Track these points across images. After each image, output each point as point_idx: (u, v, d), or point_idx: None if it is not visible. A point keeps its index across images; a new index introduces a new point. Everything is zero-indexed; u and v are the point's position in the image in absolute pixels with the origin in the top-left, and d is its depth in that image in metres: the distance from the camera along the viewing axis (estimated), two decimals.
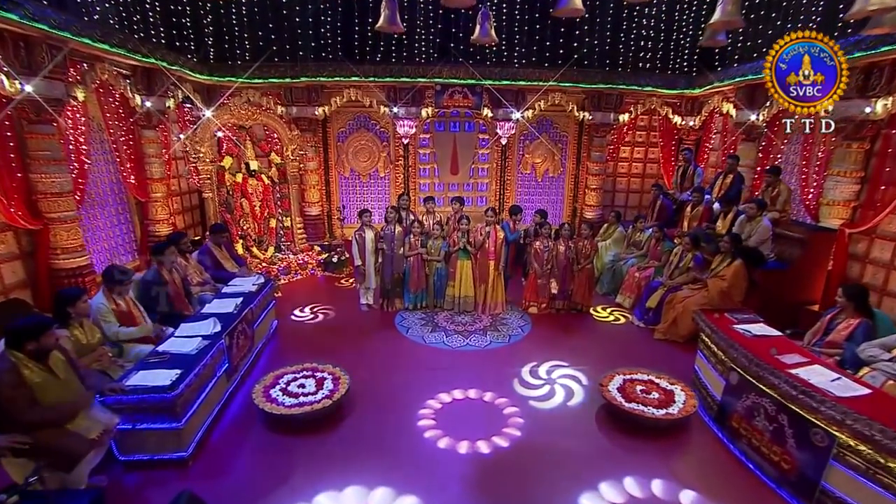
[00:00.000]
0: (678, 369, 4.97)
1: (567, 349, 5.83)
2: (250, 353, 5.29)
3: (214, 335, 4.42)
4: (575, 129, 10.01)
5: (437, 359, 5.60)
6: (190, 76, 8.06)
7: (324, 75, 8.85)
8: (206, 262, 6.10)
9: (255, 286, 5.78)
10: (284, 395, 4.37)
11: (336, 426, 4.29)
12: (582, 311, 6.96)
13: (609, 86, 9.11)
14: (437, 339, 6.07)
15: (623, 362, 5.10)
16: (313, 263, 8.72)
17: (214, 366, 4.28)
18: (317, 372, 4.78)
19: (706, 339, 4.60)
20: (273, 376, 4.69)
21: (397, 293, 7.01)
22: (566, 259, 6.77)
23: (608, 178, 10.42)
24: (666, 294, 6.32)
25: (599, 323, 6.74)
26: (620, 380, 4.67)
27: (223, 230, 6.25)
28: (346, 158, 9.96)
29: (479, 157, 10.20)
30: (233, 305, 5.10)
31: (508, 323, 6.57)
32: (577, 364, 5.43)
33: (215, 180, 7.68)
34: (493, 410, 4.55)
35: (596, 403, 4.66)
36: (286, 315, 6.77)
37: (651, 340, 6.17)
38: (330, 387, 4.52)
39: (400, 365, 5.42)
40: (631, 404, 4.27)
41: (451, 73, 8.95)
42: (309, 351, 5.58)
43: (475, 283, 6.85)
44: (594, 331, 6.49)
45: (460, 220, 6.78)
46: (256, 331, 5.50)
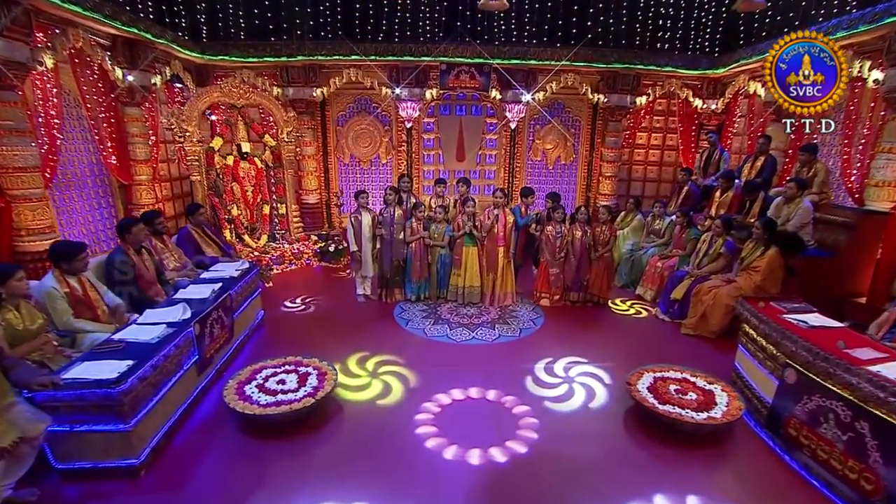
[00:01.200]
0: (712, 367, 4.28)
1: (585, 344, 5.16)
2: (229, 345, 4.66)
3: (182, 322, 3.80)
4: (589, 113, 9.33)
5: (439, 354, 4.95)
6: (179, 53, 7.49)
7: (322, 54, 8.27)
8: (187, 247, 5.49)
9: (237, 271, 5.17)
10: (261, 393, 3.74)
11: (320, 429, 3.65)
12: (599, 303, 6.28)
13: (625, 66, 8.44)
14: (440, 332, 5.42)
15: (649, 359, 4.42)
16: (309, 253, 8.10)
17: (180, 357, 3.65)
18: (300, 366, 4.14)
19: (751, 330, 3.92)
20: (250, 371, 4.06)
21: (397, 283, 6.36)
22: (583, 246, 6.10)
23: (623, 166, 9.72)
24: (693, 284, 5.63)
25: (619, 316, 6.06)
26: (650, 378, 4.00)
27: (199, 208, 5.63)
28: (346, 144, 9.35)
29: (487, 142, 9.56)
30: (209, 291, 4.48)
31: (519, 316, 5.91)
32: (597, 361, 4.76)
33: (204, 162, 7.09)
34: (502, 413, 3.89)
35: (622, 405, 3.99)
36: (276, 305, 6.16)
37: (678, 335, 5.49)
38: (314, 383, 3.88)
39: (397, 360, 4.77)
40: (665, 406, 3.60)
41: (457, 51, 8.33)
42: (297, 343, 4.98)
43: (482, 272, 6.19)
44: (614, 325, 5.81)
45: (465, 203, 6.13)
46: (237, 320, 4.88)
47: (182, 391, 3.70)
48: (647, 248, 6.99)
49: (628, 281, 7.03)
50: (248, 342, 5.13)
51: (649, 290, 6.53)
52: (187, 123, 6.78)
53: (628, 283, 7.02)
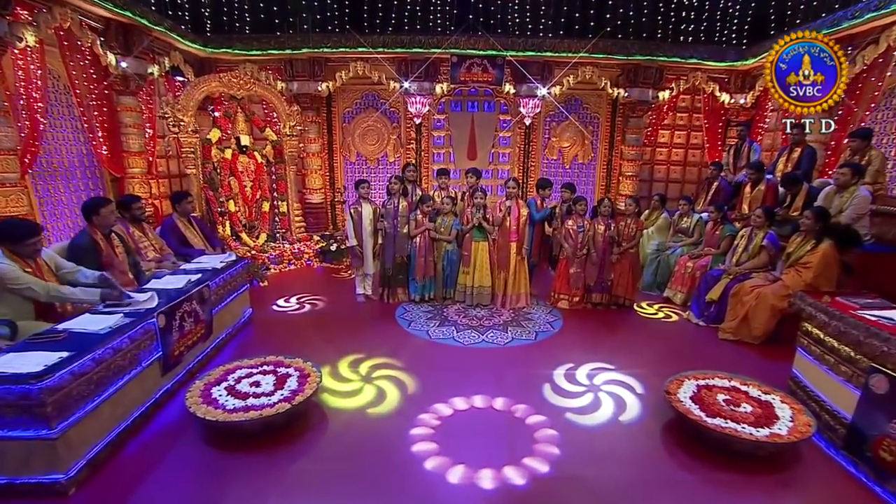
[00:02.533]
0: (761, 376, 3.55)
1: (610, 349, 4.47)
2: (207, 343, 4.08)
3: (142, 312, 3.22)
4: (608, 109, 8.71)
5: (443, 357, 4.31)
6: (180, 43, 7.08)
7: (327, 46, 7.81)
8: (170, 237, 4.95)
9: (221, 263, 4.62)
10: (229, 396, 3.13)
11: (297, 441, 3.02)
12: (624, 306, 5.58)
13: (647, 58, 7.82)
14: (446, 334, 4.78)
15: (684, 366, 3.71)
16: (310, 253, 7.56)
17: (136, 353, 3.07)
18: (280, 367, 3.53)
19: (815, 329, 3.20)
20: (222, 371, 3.46)
21: (400, 281, 5.75)
22: (606, 242, 5.43)
23: (645, 166, 9.05)
24: (731, 284, 4.92)
25: (647, 320, 5.35)
26: (693, 386, 3.30)
27: (185, 196, 5.11)
28: (353, 141, 8.84)
29: (500, 140, 8.97)
30: (184, 281, 3.92)
31: (534, 318, 5.24)
32: (626, 367, 4.07)
33: (200, 154, 6.61)
34: (515, 425, 3.22)
35: (660, 418, 3.29)
36: (267, 304, 5.59)
37: (715, 341, 4.76)
38: (293, 386, 3.26)
39: (395, 364, 4.14)
40: (716, 420, 2.89)
41: (468, 43, 7.81)
42: (286, 344, 4.42)
43: (493, 270, 5.56)
44: (642, 329, 5.10)
45: (474, 194, 5.53)
46: (218, 316, 4.30)
47: (138, 392, 3.11)
48: (674, 248, 6.30)
49: (654, 284, 6.32)
50: (231, 341, 4.55)
51: (679, 293, 5.82)
52: (183, 113, 6.33)
53: (654, 285, 6.32)
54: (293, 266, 7.33)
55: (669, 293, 5.94)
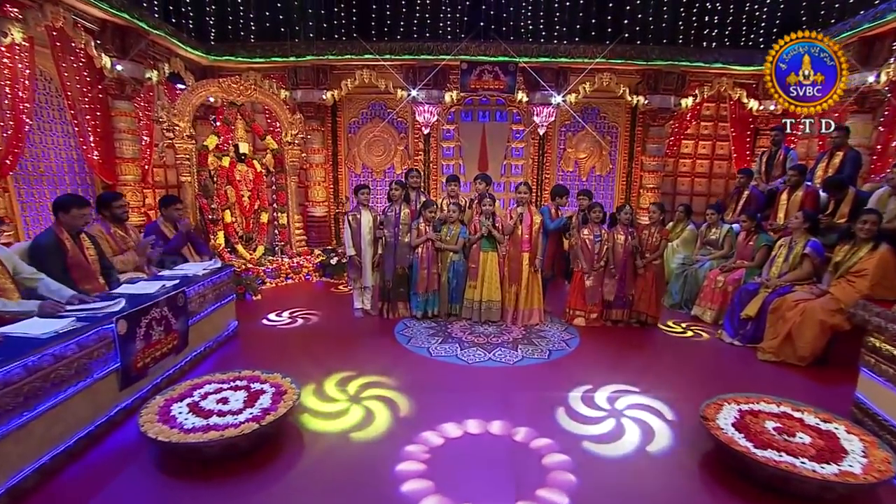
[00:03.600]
0: (814, 402, 3.04)
1: (634, 370, 3.99)
2: (181, 356, 3.72)
3: (99, 316, 2.89)
4: (627, 118, 8.35)
5: (443, 377, 3.88)
6: (181, 50, 6.98)
7: (332, 53, 7.66)
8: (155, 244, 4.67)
9: (203, 270, 4.30)
10: (190, 414, 2.75)
11: (265, 467, 2.61)
12: (647, 324, 5.10)
13: (668, 63, 7.49)
14: (448, 351, 4.36)
15: (721, 390, 3.22)
16: (309, 267, 7.23)
17: (86, 362, 2.72)
18: (255, 382, 3.14)
19: (886, 344, 2.72)
20: (188, 386, 3.09)
21: (401, 295, 5.36)
22: (626, 253, 5.00)
23: (667, 178, 8.63)
24: (770, 299, 4.43)
25: (674, 340, 4.86)
26: (734, 411, 2.82)
27: (174, 202, 4.85)
28: (358, 152, 8.61)
29: (513, 151, 8.65)
30: (157, 287, 3.60)
31: (548, 336, 4.79)
32: (653, 390, 3.59)
33: (195, 161, 6.40)
34: (522, 455, 2.77)
35: (696, 449, 2.80)
36: (257, 318, 5.25)
37: (753, 362, 4.25)
38: (265, 404, 2.87)
39: (388, 383, 3.72)
40: (767, 453, 2.41)
41: (479, 49, 7.58)
42: (271, 359, 4.07)
43: (503, 284, 5.15)
44: (669, 349, 4.61)
45: (483, 200, 5.17)
46: (196, 327, 3.96)
47: (87, 409, 2.74)
48: (702, 262, 5.82)
49: (680, 301, 5.83)
50: (212, 355, 4.18)
51: (709, 310, 5.32)
52: (179, 118, 6.15)
53: (680, 303, 5.82)
54: (291, 280, 7.01)
55: (698, 311, 5.45)
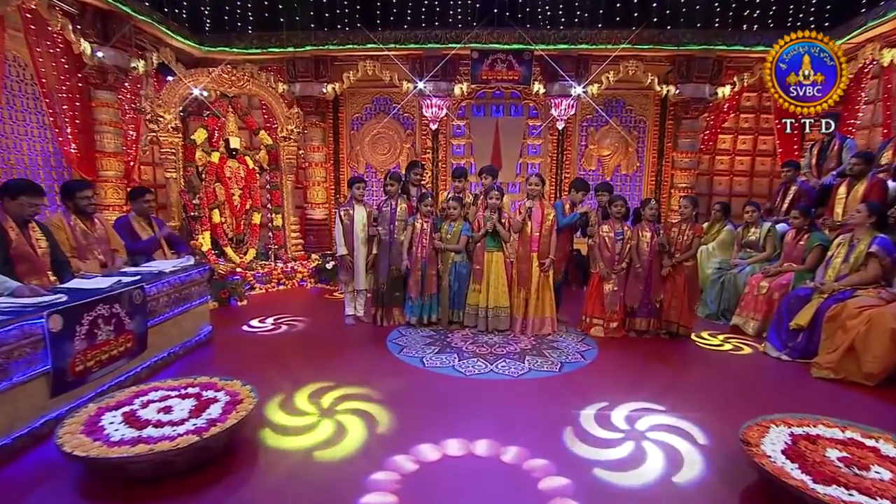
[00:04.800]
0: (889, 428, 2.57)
1: (659, 386, 3.56)
2: (135, 361, 3.45)
3: (26, 309, 2.64)
4: (656, 111, 7.97)
5: (435, 390, 3.52)
6: (171, 39, 6.90)
7: (333, 43, 7.51)
8: (123, 239, 4.44)
9: (172, 267, 4.05)
10: (122, 424, 2.44)
11: (205, 491, 2.28)
12: (678, 335, 4.65)
13: (703, 48, 7.11)
14: (444, 362, 4.00)
15: (767, 411, 2.77)
16: (304, 272, 6.98)
17: (5, 363, 2.45)
18: (209, 390, 2.84)
19: None
20: (131, 393, 2.80)
21: (396, 300, 5.03)
22: (652, 253, 4.59)
23: (702, 178, 8.17)
24: (826, 305, 3.95)
25: (710, 353, 4.40)
26: (785, 435, 2.38)
27: (143, 193, 4.62)
28: (361, 150, 8.40)
29: (529, 148, 8.34)
30: (113, 282, 3.36)
31: (561, 347, 4.39)
32: (681, 409, 3.15)
33: (181, 156, 6.23)
34: (519, 482, 2.38)
35: (735, 481, 2.37)
36: (238, 324, 4.99)
37: (807, 380, 3.77)
38: (214, 414, 2.55)
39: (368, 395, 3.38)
40: (831, 489, 1.97)
41: (491, 37, 7.34)
42: (243, 367, 3.77)
43: (511, 288, 4.78)
44: (703, 364, 4.16)
45: (489, 193, 4.83)
46: (158, 329, 3.70)
47: (2, 419, 2.46)
48: (741, 266, 5.36)
49: (718, 310, 5.37)
50: (177, 361, 3.92)
51: (752, 320, 4.85)
52: (164, 109, 6.00)
53: (718, 312, 5.36)
54: (283, 286, 6.77)
55: (738, 321, 4.98)
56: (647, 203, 4.71)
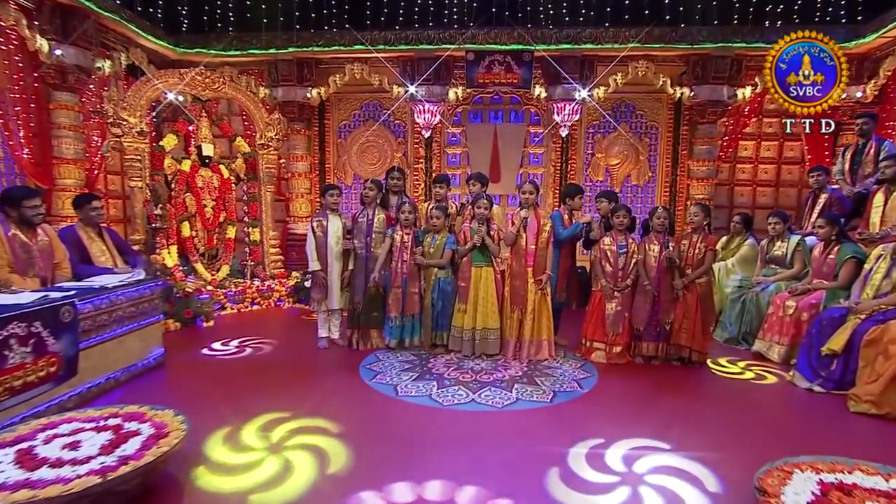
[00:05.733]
0: None
1: (665, 420, 3.26)
2: (62, 388, 3.21)
3: None
4: (669, 116, 7.79)
5: (405, 422, 3.24)
6: (142, 38, 6.84)
7: (318, 44, 7.43)
8: (71, 254, 4.22)
9: (117, 282, 3.85)
10: (12, 465, 2.19)
11: None
12: (691, 361, 4.34)
13: (720, 46, 6.94)
14: (421, 390, 3.73)
15: (792, 451, 2.47)
16: (282, 291, 6.76)
17: None
18: (132, 421, 2.59)
19: None
20: (38, 426, 2.55)
21: (374, 321, 4.78)
22: (661, 268, 4.32)
23: (722, 188, 7.92)
24: (863, 328, 3.64)
25: (727, 382, 4.09)
26: (812, 483, 2.08)
27: (90, 200, 4.43)
28: (349, 160, 8.27)
29: (531, 158, 8.15)
30: (39, 297, 3.15)
31: (556, 374, 4.11)
32: (688, 448, 2.85)
33: (148, 164, 6.09)
34: None
35: None
36: (198, 347, 4.77)
37: (842, 415, 3.44)
38: (129, 450, 2.30)
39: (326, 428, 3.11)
40: None
41: (488, 37, 7.23)
42: (194, 396, 3.61)
43: (502, 308, 4.52)
44: (719, 395, 3.85)
45: (476, 202, 4.60)
46: (93, 352, 3.48)
47: None
48: (765, 284, 5.06)
49: (738, 334, 5.06)
50: (118, 388, 3.68)
51: (776, 345, 4.54)
52: (129, 112, 5.88)
53: (738, 336, 5.05)
54: (258, 306, 6.54)
55: (762, 346, 4.67)
56: (654, 212, 4.45)
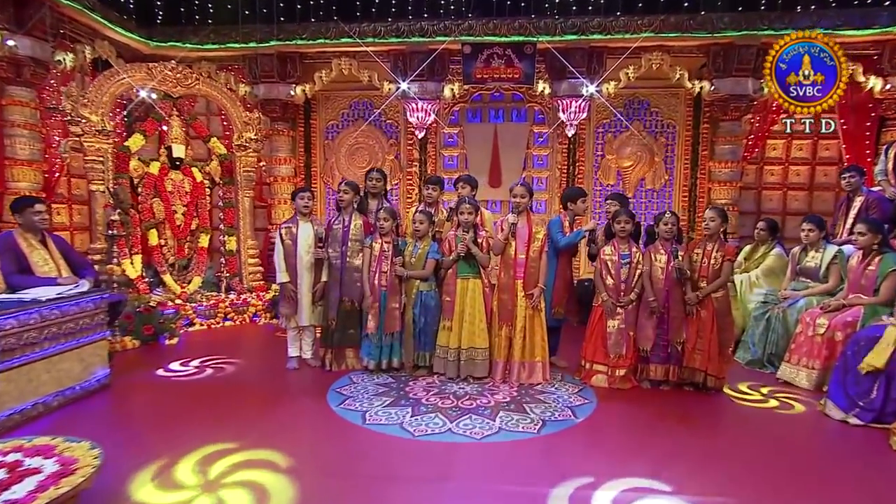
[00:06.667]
0: None
1: (669, 456, 3.02)
2: None
3: None
4: (687, 113, 7.53)
5: (368, 455, 3.04)
6: (110, 31, 6.76)
7: (302, 37, 7.30)
8: (4, 262, 4.08)
9: (52, 294, 3.70)
10: None
11: None
12: (706, 387, 4.07)
13: (744, 33, 6.67)
14: (391, 418, 3.52)
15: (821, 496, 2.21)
16: (259, 306, 6.59)
17: None
18: (37, 456, 2.40)
19: None
20: None
21: (350, 339, 4.57)
22: (669, 281, 4.06)
23: (748, 192, 7.64)
24: None
25: (747, 412, 3.83)
26: None
27: (31, 203, 4.27)
28: (337, 163, 8.12)
29: (535, 160, 7.95)
30: None
31: (549, 399, 3.89)
32: (693, 491, 2.60)
33: (111, 166, 5.99)
34: None
35: None
36: (154, 367, 4.62)
37: (883, 452, 3.16)
38: (19, 493, 2.11)
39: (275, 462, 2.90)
40: None
41: (486, 28, 7.06)
42: (132, 425, 3.51)
43: (490, 325, 4.31)
44: (736, 425, 3.63)
45: (460, 207, 4.37)
46: (21, 375, 3.33)
47: None
48: (794, 299, 4.79)
49: (763, 355, 4.79)
50: (47, 416, 3.51)
51: (805, 369, 4.27)
52: (91, 110, 5.79)
53: (763, 358, 4.78)
54: (230, 322, 6.38)
55: (789, 370, 4.39)
56: (661, 217, 4.21)
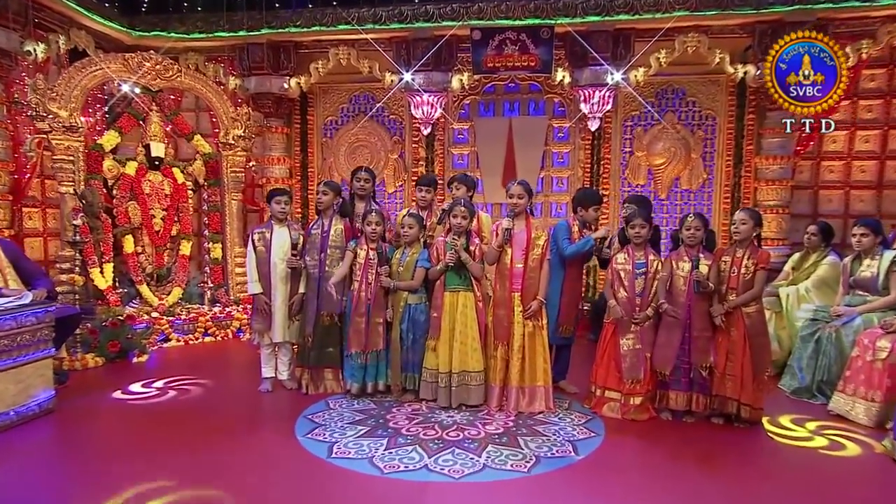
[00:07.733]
0: None
1: None
2: None
3: None
4: (730, 102, 7.26)
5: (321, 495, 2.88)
6: (88, 19, 6.80)
7: (296, 25, 7.26)
8: None
9: None
10: None
11: None
12: (740, 418, 3.77)
13: (797, 8, 6.39)
14: (363, 451, 3.33)
15: None
16: (243, 320, 6.49)
17: None
18: None
19: None
20: None
21: (328, 358, 4.41)
22: (691, 293, 3.77)
23: (801, 192, 7.28)
24: None
25: (785, 449, 3.54)
26: None
27: None
28: (336, 162, 8.05)
29: (554, 158, 7.75)
30: None
31: (549, 431, 3.66)
32: None
33: (82, 166, 5.97)
34: None
35: None
36: (111, 389, 4.54)
37: None
38: None
39: None
40: None
41: (498, 10, 6.90)
42: (64, 458, 3.45)
43: (485, 344, 4.11)
44: (774, 467, 3.32)
45: (453, 210, 4.16)
46: None
47: None
48: (848, 317, 4.44)
49: (812, 382, 4.45)
50: None
51: (863, 401, 3.94)
52: (59, 105, 5.78)
53: (812, 386, 4.44)
54: (210, 337, 6.28)
55: (843, 401, 4.06)
56: (684, 220, 3.93)
